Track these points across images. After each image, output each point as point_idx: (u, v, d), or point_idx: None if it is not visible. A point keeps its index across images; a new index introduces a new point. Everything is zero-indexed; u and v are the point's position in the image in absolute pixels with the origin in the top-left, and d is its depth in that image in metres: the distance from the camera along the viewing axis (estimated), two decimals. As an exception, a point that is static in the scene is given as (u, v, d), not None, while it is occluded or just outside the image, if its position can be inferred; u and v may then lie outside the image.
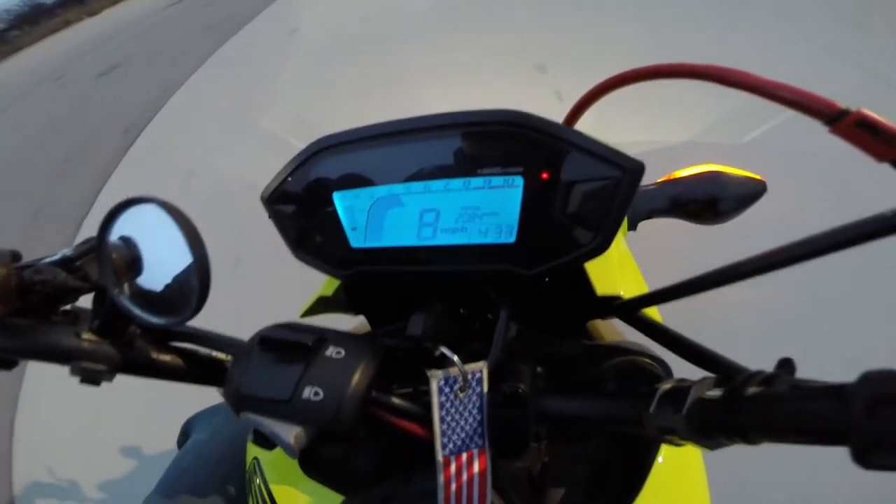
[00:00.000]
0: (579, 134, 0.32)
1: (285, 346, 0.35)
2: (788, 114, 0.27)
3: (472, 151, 0.35)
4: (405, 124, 0.37)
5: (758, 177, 0.60)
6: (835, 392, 0.21)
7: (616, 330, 0.61)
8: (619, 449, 0.43)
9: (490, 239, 0.36)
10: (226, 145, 3.11)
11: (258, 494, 0.48)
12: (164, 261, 0.35)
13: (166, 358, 0.42)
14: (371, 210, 0.39)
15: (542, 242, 0.35)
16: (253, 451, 0.53)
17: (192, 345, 0.44)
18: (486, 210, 0.35)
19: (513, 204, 0.34)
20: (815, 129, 0.27)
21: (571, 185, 0.33)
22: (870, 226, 0.22)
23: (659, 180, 0.66)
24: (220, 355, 0.44)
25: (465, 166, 0.35)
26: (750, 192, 0.59)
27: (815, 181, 1.67)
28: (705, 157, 0.77)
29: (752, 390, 0.24)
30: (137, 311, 0.35)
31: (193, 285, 0.32)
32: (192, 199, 2.51)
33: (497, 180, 0.34)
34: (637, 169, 0.31)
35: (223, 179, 2.71)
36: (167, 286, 0.36)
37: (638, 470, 0.41)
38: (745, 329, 1.29)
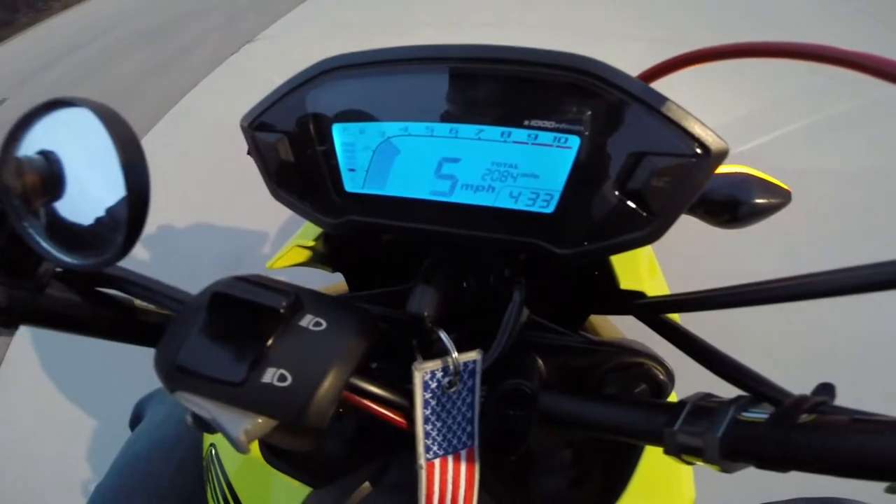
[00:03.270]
0: (661, 96, 0.26)
1: (247, 308, 0.26)
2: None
3: (522, 97, 0.28)
4: (439, 51, 0.29)
5: (785, 186, 0.57)
6: None
7: (615, 328, 0.57)
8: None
9: (522, 205, 0.29)
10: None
11: (216, 485, 0.43)
12: (94, 186, 0.27)
13: (88, 308, 0.33)
14: (377, 150, 0.31)
15: (586, 219, 0.29)
16: (210, 436, 0.47)
17: (127, 295, 0.35)
18: (525, 170, 0.29)
19: (560, 168, 0.28)
20: None
21: (638, 156, 0.26)
22: None
23: None
24: (165, 310, 0.35)
25: (507, 113, 0.28)
26: (773, 202, 0.56)
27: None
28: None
29: (804, 418, 0.22)
30: (44, 245, 0.27)
31: (124, 219, 0.24)
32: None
33: (546, 136, 0.28)
34: (722, 151, 0.26)
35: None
36: (97, 219, 0.28)
37: (624, 460, 0.39)
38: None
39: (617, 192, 0.28)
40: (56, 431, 1.32)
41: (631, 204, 0.27)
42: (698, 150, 0.25)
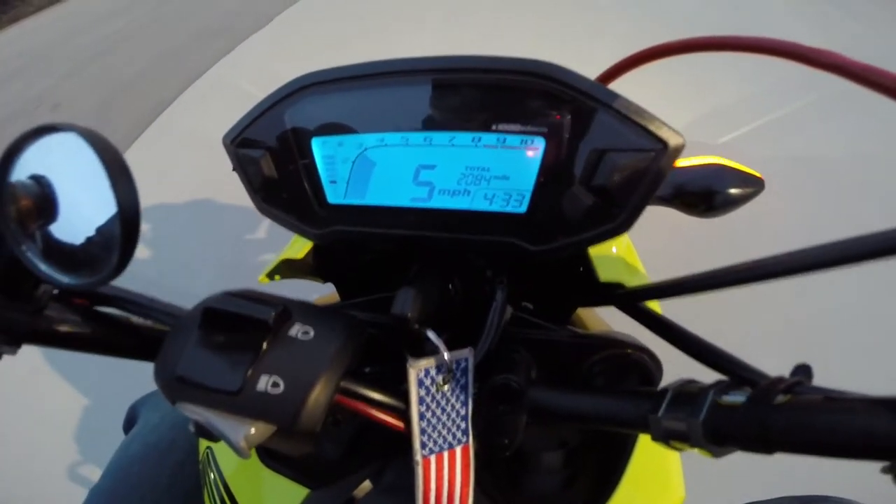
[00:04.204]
0: (618, 96, 0.27)
1: (237, 321, 0.28)
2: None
3: (489, 103, 0.30)
4: (408, 64, 0.31)
5: (758, 174, 0.59)
6: (884, 405, 0.20)
7: (602, 321, 0.59)
8: (593, 434, 0.41)
9: (496, 207, 0.31)
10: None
11: (213, 488, 0.43)
12: (85, 207, 0.28)
13: (87, 326, 0.34)
14: (356, 162, 0.33)
15: (557, 215, 0.30)
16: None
17: (124, 312, 0.36)
18: (496, 172, 0.30)
19: (529, 168, 0.29)
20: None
21: (601, 153, 0.28)
22: None
23: None
24: (160, 325, 0.36)
25: (477, 119, 0.30)
26: (747, 190, 0.58)
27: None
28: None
29: (780, 399, 0.23)
30: (43, 267, 0.28)
31: (117, 237, 0.25)
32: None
33: (513, 139, 0.29)
34: (679, 145, 0.27)
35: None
36: (89, 239, 0.29)
37: (615, 459, 0.39)
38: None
39: (584, 189, 0.29)
40: (50, 432, 1.33)
41: (598, 199, 0.29)
42: (656, 145, 0.27)
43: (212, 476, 0.44)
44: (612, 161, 0.28)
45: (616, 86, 0.35)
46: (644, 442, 0.40)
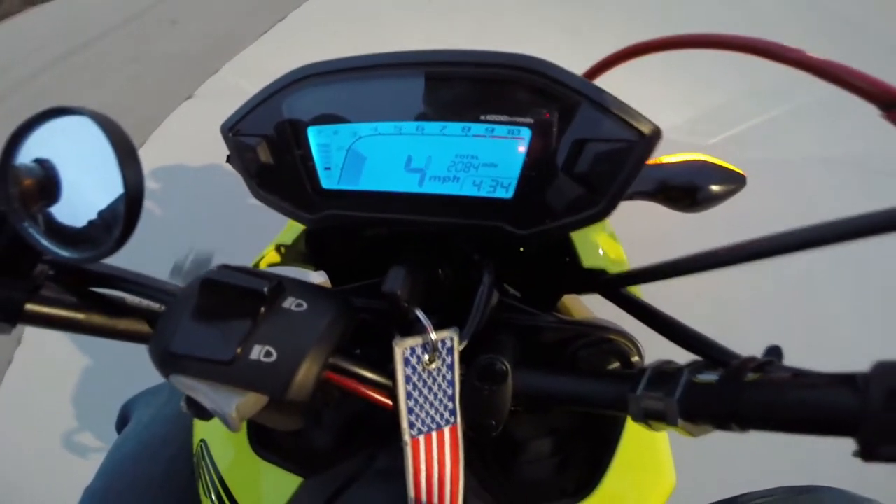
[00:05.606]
0: (599, 90, 0.29)
1: (233, 292, 0.29)
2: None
3: (478, 95, 0.31)
4: (403, 57, 0.32)
5: (740, 171, 0.60)
6: (844, 381, 0.20)
7: (586, 308, 0.60)
8: (582, 421, 0.42)
9: (484, 192, 0.33)
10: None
11: (208, 480, 0.43)
12: (89, 190, 0.29)
13: (83, 306, 0.34)
14: (351, 149, 0.34)
15: (542, 202, 0.32)
16: (200, 432, 0.47)
17: (120, 292, 0.36)
18: (485, 160, 0.32)
19: (515, 157, 0.31)
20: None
21: (582, 143, 0.30)
22: (880, 219, 0.21)
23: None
24: (155, 305, 0.37)
25: (466, 110, 0.31)
26: (730, 186, 0.60)
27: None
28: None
29: (750, 377, 0.23)
30: (44, 242, 0.29)
31: (120, 215, 0.26)
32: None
33: (501, 129, 0.31)
34: (655, 134, 0.29)
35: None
36: (91, 222, 0.30)
37: (604, 445, 0.40)
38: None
39: (567, 176, 0.31)
40: (42, 432, 1.31)
41: (580, 186, 0.31)
42: (633, 136, 0.29)
43: (206, 469, 0.44)
44: (593, 151, 0.30)
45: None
46: (633, 430, 0.41)
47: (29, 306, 0.32)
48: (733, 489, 0.42)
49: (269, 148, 0.36)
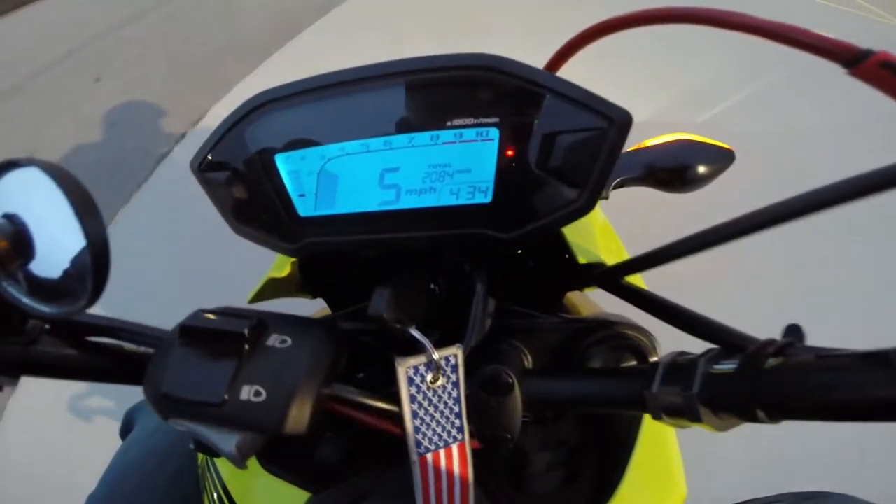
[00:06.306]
0: (560, 80, 0.28)
1: (213, 336, 0.29)
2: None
3: (440, 101, 0.30)
4: (357, 73, 0.31)
5: (727, 146, 0.60)
6: (876, 360, 0.19)
7: (593, 304, 0.59)
8: (592, 433, 0.40)
9: (463, 200, 0.32)
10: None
11: (213, 493, 0.43)
12: (58, 240, 0.29)
13: (79, 355, 0.35)
14: (322, 172, 0.33)
15: (522, 202, 0.31)
16: None
17: (114, 340, 0.37)
18: (458, 167, 0.31)
19: (488, 159, 0.30)
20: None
21: (553, 136, 0.29)
22: (879, 178, 0.20)
23: (629, 149, 0.65)
24: (149, 349, 0.37)
25: (432, 118, 0.30)
26: (719, 161, 0.59)
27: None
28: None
29: (771, 362, 0.22)
30: (25, 300, 0.29)
31: (89, 268, 0.26)
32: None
33: (469, 133, 0.30)
34: (625, 118, 0.28)
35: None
36: (66, 272, 0.29)
37: (617, 457, 0.39)
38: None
39: (543, 172, 0.30)
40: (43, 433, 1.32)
41: (558, 180, 0.30)
42: (603, 123, 0.28)
43: (211, 482, 0.43)
44: (565, 143, 0.29)
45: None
46: (645, 440, 0.39)
47: (27, 360, 0.33)
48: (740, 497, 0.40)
49: (239, 181, 0.35)
